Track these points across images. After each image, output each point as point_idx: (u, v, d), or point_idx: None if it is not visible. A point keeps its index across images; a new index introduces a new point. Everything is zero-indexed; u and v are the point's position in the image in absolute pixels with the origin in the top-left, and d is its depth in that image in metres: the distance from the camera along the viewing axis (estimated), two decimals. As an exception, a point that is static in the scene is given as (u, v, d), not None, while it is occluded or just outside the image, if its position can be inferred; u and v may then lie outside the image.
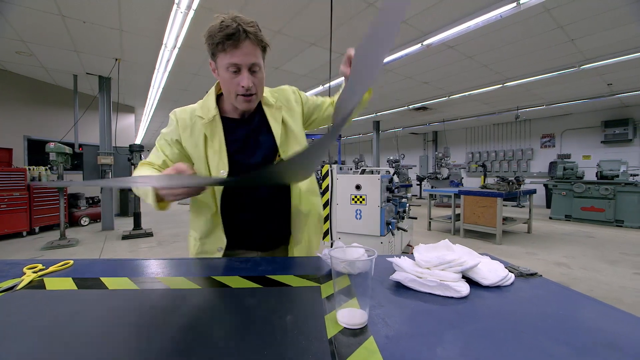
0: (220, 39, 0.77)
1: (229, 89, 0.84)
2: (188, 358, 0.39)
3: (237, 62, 0.79)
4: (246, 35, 0.77)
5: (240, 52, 0.78)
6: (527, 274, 0.71)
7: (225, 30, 0.76)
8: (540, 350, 0.41)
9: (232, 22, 0.77)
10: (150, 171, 0.89)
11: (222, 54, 0.79)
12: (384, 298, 0.59)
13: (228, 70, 0.81)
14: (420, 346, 0.42)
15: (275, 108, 0.97)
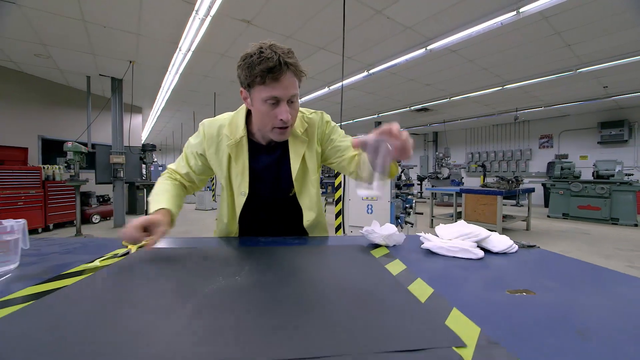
0: (261, 72, 0.74)
1: (265, 121, 0.83)
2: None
3: (278, 95, 0.77)
4: (287, 67, 0.76)
5: (281, 86, 0.76)
6: (527, 246, 0.90)
7: (266, 63, 0.73)
8: (533, 282, 0.59)
9: (272, 54, 0.74)
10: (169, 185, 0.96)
11: (260, 87, 0.78)
12: (420, 260, 0.78)
13: (266, 103, 0.79)
14: (455, 285, 0.60)
15: (300, 141, 0.96)
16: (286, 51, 0.77)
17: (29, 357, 0.35)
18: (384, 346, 0.37)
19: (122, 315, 0.46)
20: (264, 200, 1.00)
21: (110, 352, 0.36)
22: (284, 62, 0.74)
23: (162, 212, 0.86)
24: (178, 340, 0.39)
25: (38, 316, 0.45)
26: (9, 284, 0.60)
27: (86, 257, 0.78)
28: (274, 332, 0.40)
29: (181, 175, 1.01)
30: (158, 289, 0.57)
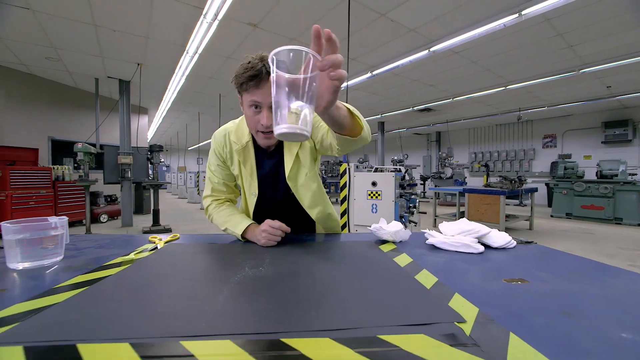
0: (244, 79, 0.82)
1: (251, 125, 0.91)
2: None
3: (257, 100, 0.83)
4: (268, 75, 0.79)
5: (261, 92, 0.82)
6: (525, 242, 0.96)
7: (249, 72, 0.81)
8: (528, 273, 0.66)
9: (258, 63, 0.81)
10: (235, 213, 1.03)
11: (245, 93, 0.85)
12: (425, 254, 0.84)
13: (250, 108, 0.86)
14: (457, 275, 0.67)
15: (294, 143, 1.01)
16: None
17: (100, 327, 0.42)
18: (396, 321, 0.44)
19: (169, 295, 0.53)
20: (272, 199, 1.07)
21: (167, 323, 0.43)
22: (265, 72, 0.80)
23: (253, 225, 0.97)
24: (220, 315, 0.46)
25: (97, 296, 0.53)
26: (58, 273, 0.67)
27: (119, 251, 0.86)
28: (300, 310, 0.47)
29: (224, 193, 1.09)
30: (193, 277, 0.64)
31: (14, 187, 4.88)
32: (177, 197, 14.15)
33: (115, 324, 0.43)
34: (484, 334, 0.41)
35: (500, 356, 0.36)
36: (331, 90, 0.51)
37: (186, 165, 19.48)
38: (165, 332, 0.41)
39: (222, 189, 1.09)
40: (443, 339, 0.39)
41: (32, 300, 0.52)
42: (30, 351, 0.37)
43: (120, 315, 0.46)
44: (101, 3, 3.29)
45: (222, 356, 0.36)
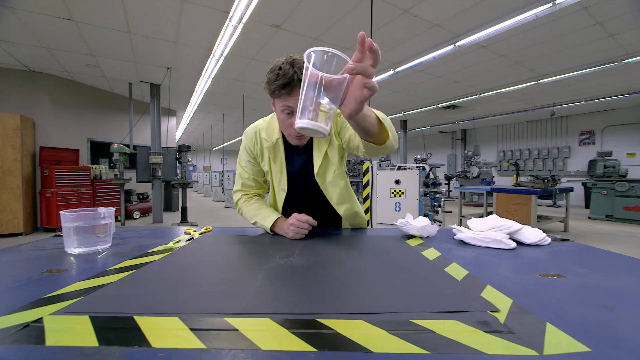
0: (276, 87, 0.83)
1: (283, 127, 0.93)
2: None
3: (290, 105, 0.85)
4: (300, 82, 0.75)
5: (293, 99, 0.83)
6: (561, 239, 0.92)
7: (281, 80, 0.81)
8: (564, 269, 0.63)
9: (289, 69, 0.81)
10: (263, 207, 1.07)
11: (277, 99, 0.87)
12: (454, 249, 0.83)
13: (283, 112, 0.88)
14: (488, 268, 0.66)
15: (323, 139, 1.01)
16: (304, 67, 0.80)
17: (151, 302, 0.46)
18: (428, 308, 0.45)
19: (209, 279, 0.57)
20: (300, 195, 1.10)
21: (210, 302, 0.47)
22: (297, 79, 0.81)
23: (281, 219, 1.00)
24: (258, 297, 0.49)
25: (146, 277, 0.58)
26: (108, 257, 0.74)
27: (158, 241, 0.92)
28: (333, 295, 0.49)
29: (254, 188, 1.12)
30: (229, 264, 0.68)
31: (59, 185, 5.29)
32: (202, 196, 14.68)
33: (164, 300, 0.48)
34: (519, 322, 0.41)
35: (537, 343, 0.36)
36: (359, 99, 0.52)
37: (211, 165, 20.17)
38: (209, 309, 0.44)
39: (251, 184, 1.12)
40: (477, 326, 0.40)
41: (90, 280, 0.58)
42: (95, 320, 0.42)
43: (167, 293, 0.51)
44: (135, 11, 3.49)
45: (263, 331, 0.39)
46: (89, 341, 0.36)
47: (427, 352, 0.34)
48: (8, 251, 0.79)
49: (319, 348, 0.35)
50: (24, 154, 5.06)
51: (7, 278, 0.59)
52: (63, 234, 0.77)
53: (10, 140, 4.89)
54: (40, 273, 0.62)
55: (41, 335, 0.38)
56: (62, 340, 0.37)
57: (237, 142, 15.48)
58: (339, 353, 0.34)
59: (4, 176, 4.87)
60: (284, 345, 0.35)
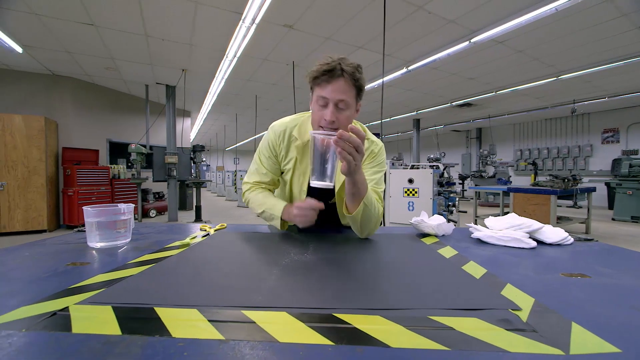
0: (318, 73, 0.83)
1: (315, 119, 0.90)
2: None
3: (325, 95, 0.84)
4: (342, 72, 0.82)
5: (331, 88, 0.83)
6: (585, 239, 0.89)
7: (324, 67, 0.82)
8: (588, 268, 0.61)
9: (335, 61, 0.83)
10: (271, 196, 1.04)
11: (317, 88, 0.86)
12: (471, 247, 0.81)
13: (317, 103, 0.87)
14: (507, 267, 0.64)
15: None
16: (349, 63, 0.84)
17: (170, 294, 0.48)
18: (446, 305, 0.44)
19: (225, 273, 0.58)
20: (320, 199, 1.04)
21: (228, 295, 0.47)
22: (339, 69, 0.82)
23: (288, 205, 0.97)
24: (275, 291, 0.49)
25: (164, 271, 0.59)
26: (128, 252, 0.76)
27: (175, 237, 0.94)
28: (349, 291, 0.49)
29: (266, 183, 1.09)
30: (244, 259, 0.69)
31: (80, 184, 5.49)
32: (215, 195, 14.93)
33: (183, 293, 0.49)
34: (542, 321, 0.39)
35: (563, 342, 0.34)
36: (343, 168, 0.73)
37: (224, 165, 20.49)
38: (226, 302, 0.45)
39: (264, 180, 1.10)
40: (498, 324, 0.39)
41: (111, 272, 0.59)
42: (118, 310, 0.43)
43: (185, 286, 0.52)
44: (152, 15, 3.58)
45: (280, 324, 0.39)
46: (113, 330, 0.37)
47: (446, 349, 0.33)
48: (35, 245, 0.82)
49: (336, 342, 0.34)
50: (48, 155, 5.28)
51: (36, 269, 0.61)
52: (85, 229, 0.80)
53: (36, 141, 5.12)
54: (65, 265, 0.64)
55: (68, 323, 0.39)
56: (88, 328, 0.38)
57: (250, 142, 15.66)
58: (356, 347, 0.33)
59: (30, 175, 5.10)
60: (301, 338, 0.35)
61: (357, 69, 0.84)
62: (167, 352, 0.33)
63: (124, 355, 0.32)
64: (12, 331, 0.37)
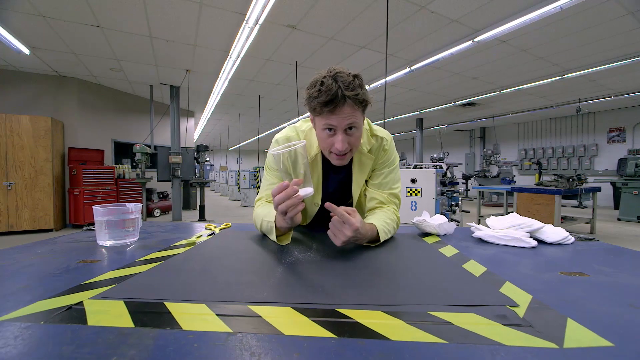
0: (317, 105, 0.76)
1: (324, 147, 0.86)
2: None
3: (333, 124, 0.78)
4: (344, 100, 0.75)
5: (337, 117, 0.77)
6: (585, 238, 0.89)
7: (323, 97, 0.74)
8: (587, 267, 0.62)
9: (332, 85, 0.74)
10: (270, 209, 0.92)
11: (318, 117, 0.80)
12: (472, 246, 0.83)
13: (324, 131, 0.81)
14: (507, 266, 0.65)
15: (366, 158, 0.96)
16: (348, 81, 0.75)
17: (179, 290, 0.49)
18: (445, 301, 0.45)
19: (231, 270, 0.60)
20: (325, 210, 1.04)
21: (234, 291, 0.49)
22: (341, 96, 0.74)
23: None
24: (279, 288, 0.51)
25: (172, 268, 0.61)
26: (136, 250, 0.78)
27: (181, 235, 0.96)
28: (350, 287, 0.51)
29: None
30: (249, 257, 0.70)
31: (86, 184, 5.56)
32: (219, 195, 15.02)
33: (191, 289, 0.51)
34: (538, 317, 0.41)
35: (557, 337, 0.36)
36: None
37: (227, 165, 20.58)
38: (233, 297, 0.47)
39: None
40: (495, 319, 0.40)
41: (121, 269, 0.62)
42: (129, 304, 0.45)
43: (193, 282, 0.53)
44: (156, 16, 3.62)
45: (285, 319, 0.40)
46: (126, 323, 0.39)
47: (445, 342, 0.35)
48: (47, 243, 0.85)
49: (339, 335, 0.36)
50: (54, 155, 5.36)
51: (49, 266, 0.64)
52: (95, 227, 0.82)
53: (42, 141, 5.19)
54: (77, 262, 0.66)
55: (83, 316, 0.41)
56: (102, 321, 0.40)
57: (253, 142, 15.72)
58: (358, 340, 0.35)
59: (37, 175, 5.18)
60: (306, 332, 0.37)
61: (358, 86, 0.76)
62: (178, 343, 0.35)
63: (137, 345, 0.34)
64: (31, 323, 0.39)
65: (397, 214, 0.96)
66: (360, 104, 0.78)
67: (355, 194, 0.98)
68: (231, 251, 0.76)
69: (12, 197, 5.00)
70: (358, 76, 0.78)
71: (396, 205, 0.99)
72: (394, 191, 1.00)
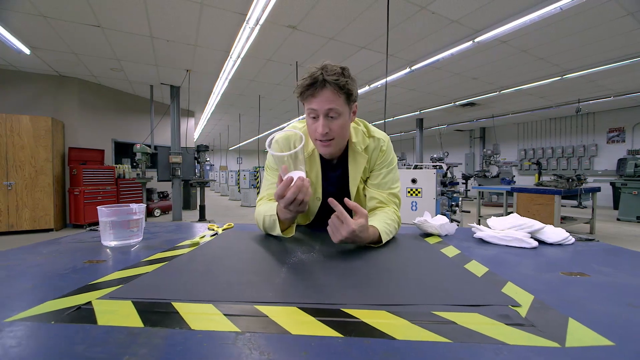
0: (302, 88, 0.84)
1: (310, 133, 0.91)
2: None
3: (314, 107, 0.84)
4: (324, 84, 0.81)
5: (317, 100, 0.83)
6: (586, 239, 0.90)
7: (307, 81, 0.82)
8: (588, 268, 0.62)
9: (316, 72, 0.82)
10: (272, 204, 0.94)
11: (305, 102, 0.87)
12: (473, 247, 0.83)
13: (309, 116, 0.88)
14: (508, 266, 0.66)
15: (361, 157, 0.99)
16: (334, 70, 0.82)
17: (185, 290, 0.50)
18: (448, 301, 0.46)
19: (236, 270, 0.60)
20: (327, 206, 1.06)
21: (240, 291, 0.50)
22: (321, 80, 0.81)
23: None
24: (284, 287, 0.51)
25: (178, 268, 0.62)
26: (141, 250, 0.79)
27: (185, 236, 0.97)
28: (355, 287, 0.51)
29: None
30: (254, 257, 0.71)
31: (86, 184, 5.57)
32: (219, 195, 15.02)
33: (197, 289, 0.51)
34: (540, 317, 0.41)
35: (559, 336, 0.36)
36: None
37: (227, 165, 20.58)
38: (239, 297, 0.48)
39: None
40: (498, 318, 0.41)
41: (127, 270, 0.62)
42: (137, 304, 0.45)
43: (199, 282, 0.54)
44: (157, 16, 3.62)
45: (291, 318, 0.41)
46: (135, 322, 0.40)
47: (449, 341, 0.35)
48: (52, 243, 0.86)
49: (345, 334, 0.37)
50: (54, 155, 5.36)
51: (56, 266, 0.64)
52: (100, 228, 0.83)
53: (43, 141, 5.19)
54: (83, 263, 0.67)
55: (92, 316, 0.42)
56: (112, 321, 0.41)
57: (253, 142, 15.72)
58: (364, 339, 0.36)
59: (37, 175, 5.18)
60: (312, 331, 0.38)
61: (341, 74, 0.83)
62: (187, 342, 0.35)
63: (147, 344, 0.35)
64: (42, 323, 0.40)
65: (397, 213, 0.97)
66: (341, 90, 0.83)
67: (353, 190, 1.01)
68: (235, 251, 0.77)
69: (12, 197, 5.00)
70: (345, 68, 0.85)
71: (396, 204, 1.01)
72: (393, 191, 1.02)
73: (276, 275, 0.58)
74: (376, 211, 0.96)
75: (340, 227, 0.73)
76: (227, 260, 0.69)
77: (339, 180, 1.03)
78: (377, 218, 0.88)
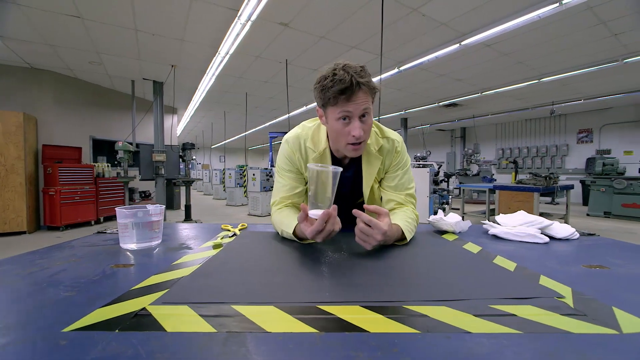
0: (334, 93, 0.79)
1: (339, 138, 0.87)
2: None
3: (350, 110, 0.81)
4: (359, 87, 0.80)
5: (353, 103, 0.81)
6: (588, 234, 0.97)
7: (339, 85, 0.78)
8: (604, 260, 0.67)
9: (345, 75, 0.78)
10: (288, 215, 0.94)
11: (332, 107, 0.83)
12: (490, 243, 0.87)
13: (339, 120, 0.84)
14: (532, 261, 0.70)
15: (374, 158, 0.99)
16: (358, 70, 0.81)
17: (236, 292, 0.50)
18: (498, 295, 0.48)
19: (281, 271, 0.60)
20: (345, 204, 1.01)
21: (299, 291, 0.50)
22: (356, 83, 0.79)
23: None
24: (341, 287, 0.52)
25: (216, 269, 0.61)
26: (165, 253, 0.77)
27: (200, 237, 0.95)
28: (414, 284, 0.53)
29: (291, 197, 1.03)
30: (289, 257, 0.71)
31: (62, 183, 5.26)
32: (202, 194, 14.66)
33: (253, 291, 0.51)
34: (587, 307, 0.45)
35: (613, 324, 0.39)
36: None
37: (210, 163, 20.08)
38: (299, 299, 0.48)
39: (289, 193, 1.03)
40: (551, 309, 0.43)
41: (164, 273, 0.61)
42: (196, 308, 0.45)
43: (249, 284, 0.54)
44: (143, 9, 3.48)
45: (355, 315, 0.42)
46: (204, 327, 0.39)
47: (520, 332, 0.38)
48: (64, 247, 0.81)
49: (422, 330, 0.38)
50: (26, 152, 5.03)
51: (83, 272, 0.62)
52: (119, 230, 0.80)
53: (13, 138, 4.86)
54: (110, 267, 0.65)
55: (155, 322, 0.41)
56: (179, 326, 0.40)
57: (238, 139, 15.44)
58: (442, 334, 0.37)
59: (7, 174, 4.85)
60: (384, 328, 0.39)
61: (367, 74, 0.83)
62: (269, 345, 0.35)
63: (230, 348, 0.35)
64: (107, 332, 0.39)
65: (415, 212, 1.00)
66: (372, 91, 0.84)
67: (366, 192, 1.02)
68: (265, 252, 0.76)
69: (-21, 197, 4.66)
70: (364, 67, 0.84)
71: (413, 204, 1.03)
72: (409, 191, 1.04)
73: (326, 275, 0.59)
74: (395, 210, 0.98)
75: (372, 232, 0.73)
76: (263, 261, 0.69)
77: (351, 181, 1.04)
78: (398, 217, 0.90)
